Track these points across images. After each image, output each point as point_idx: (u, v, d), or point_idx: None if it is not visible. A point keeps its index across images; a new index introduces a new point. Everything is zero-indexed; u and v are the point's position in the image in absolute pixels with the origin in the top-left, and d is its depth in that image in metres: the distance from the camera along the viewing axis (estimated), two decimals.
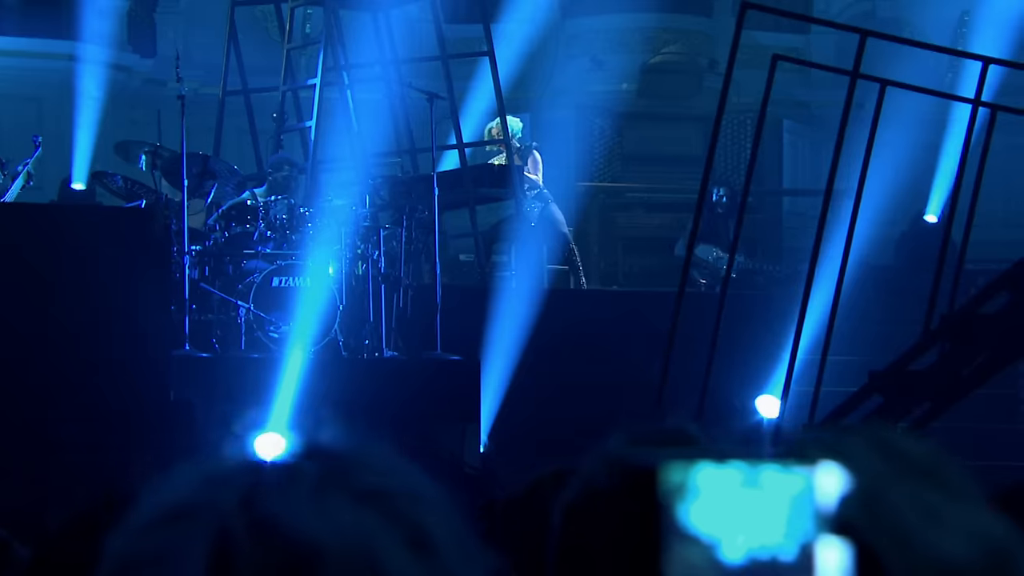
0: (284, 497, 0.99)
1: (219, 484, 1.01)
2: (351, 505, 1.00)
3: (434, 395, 8.96)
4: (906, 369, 5.67)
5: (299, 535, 0.97)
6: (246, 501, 0.99)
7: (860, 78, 6.02)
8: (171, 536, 0.99)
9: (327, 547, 0.97)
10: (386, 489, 1.02)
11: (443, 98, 10.58)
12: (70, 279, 8.34)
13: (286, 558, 0.97)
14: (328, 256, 9.06)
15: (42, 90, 13.69)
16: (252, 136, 11.93)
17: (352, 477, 1.02)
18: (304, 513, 0.99)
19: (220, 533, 0.98)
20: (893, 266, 13.22)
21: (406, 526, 1.00)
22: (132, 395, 8.21)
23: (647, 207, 14.02)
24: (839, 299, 6.20)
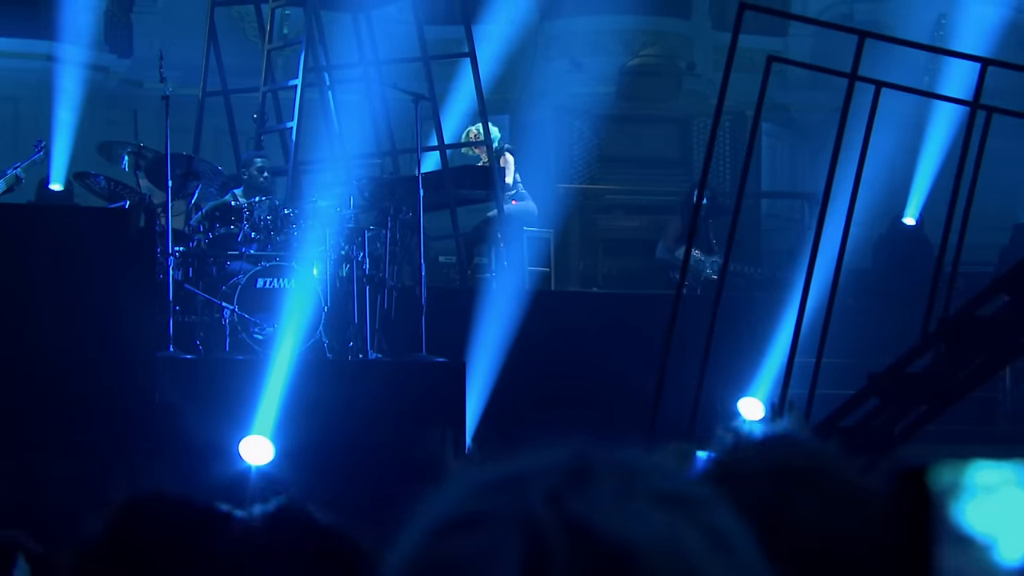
0: (589, 499, 0.98)
1: (517, 488, 1.00)
2: (656, 508, 0.98)
3: (419, 397, 8.93)
4: (905, 371, 5.67)
5: (613, 537, 0.96)
6: (553, 504, 0.98)
7: (858, 80, 6.02)
8: (474, 541, 0.98)
9: (642, 549, 0.96)
10: (684, 492, 1.01)
11: (428, 99, 10.57)
12: (51, 281, 8.29)
13: (602, 560, 0.96)
14: (313, 257, 9.02)
15: (19, 90, 13.61)
16: (232, 137, 11.87)
17: (648, 480, 1.01)
18: (613, 515, 0.97)
19: (532, 536, 0.96)
20: (872, 269, 13.26)
21: (707, 529, 0.99)
22: (116, 397, 8.15)
23: (626, 209, 14.03)
24: (833, 301, 6.19)
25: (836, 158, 6.21)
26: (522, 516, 0.98)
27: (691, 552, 0.97)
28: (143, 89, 14.52)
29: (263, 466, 8.27)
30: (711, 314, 8.07)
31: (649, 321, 10.54)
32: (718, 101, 6.45)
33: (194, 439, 8.28)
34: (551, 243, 11.96)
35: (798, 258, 12.72)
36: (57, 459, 8.14)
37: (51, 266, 8.33)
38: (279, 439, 8.33)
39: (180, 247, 8.85)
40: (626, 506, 0.98)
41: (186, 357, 8.62)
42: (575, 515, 0.97)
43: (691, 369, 9.30)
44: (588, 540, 0.96)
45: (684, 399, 9.30)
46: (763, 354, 10.93)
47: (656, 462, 1.03)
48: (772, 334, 11.13)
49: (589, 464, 1.02)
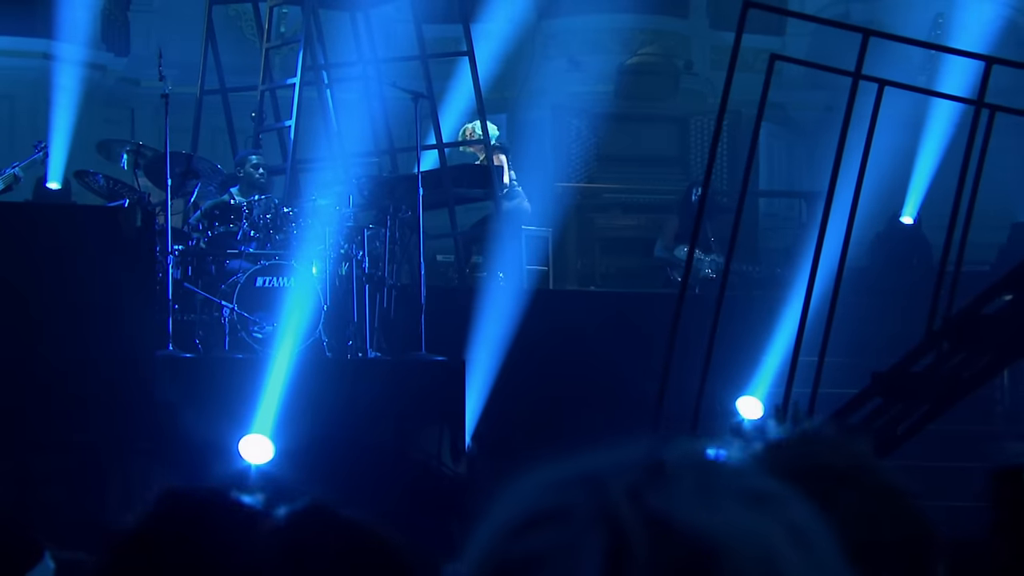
0: (669, 495, 0.98)
1: (596, 484, 1.00)
2: (737, 504, 0.98)
3: (418, 396, 8.93)
4: (909, 371, 5.67)
5: (695, 532, 0.96)
6: (633, 499, 0.98)
7: (862, 79, 6.02)
8: (555, 537, 0.98)
9: (725, 545, 0.95)
10: (764, 488, 1.00)
11: (428, 97, 10.56)
12: (50, 279, 8.27)
13: (685, 556, 0.95)
14: (312, 256, 9.01)
15: (15, 88, 13.59)
16: (230, 136, 11.85)
17: (727, 477, 1.00)
18: (695, 511, 0.97)
19: (614, 531, 0.96)
20: (870, 267, 13.26)
21: (788, 525, 0.98)
22: (116, 395, 8.14)
23: (624, 208, 14.03)
24: (836, 300, 6.18)
25: (840, 157, 6.21)
26: (603, 512, 0.98)
27: (774, 548, 0.96)
28: (140, 88, 14.51)
29: (263, 465, 8.27)
30: (711, 313, 8.06)
31: (648, 320, 10.54)
32: (721, 100, 6.44)
33: (194, 438, 8.27)
34: (549, 242, 11.95)
35: (796, 257, 12.74)
36: (56, 458, 8.13)
37: (50, 265, 8.32)
38: (279, 438, 8.33)
39: (179, 245, 8.84)
40: (707, 502, 0.98)
41: (185, 356, 8.61)
42: (656, 511, 0.97)
43: (690, 368, 9.30)
44: (670, 535, 0.96)
45: (683, 398, 9.30)
46: (762, 353, 10.94)
47: (733, 459, 1.03)
48: (771, 333, 11.13)
49: (667, 461, 1.01)
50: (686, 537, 0.96)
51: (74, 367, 8.17)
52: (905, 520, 1.37)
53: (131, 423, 8.19)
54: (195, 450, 8.25)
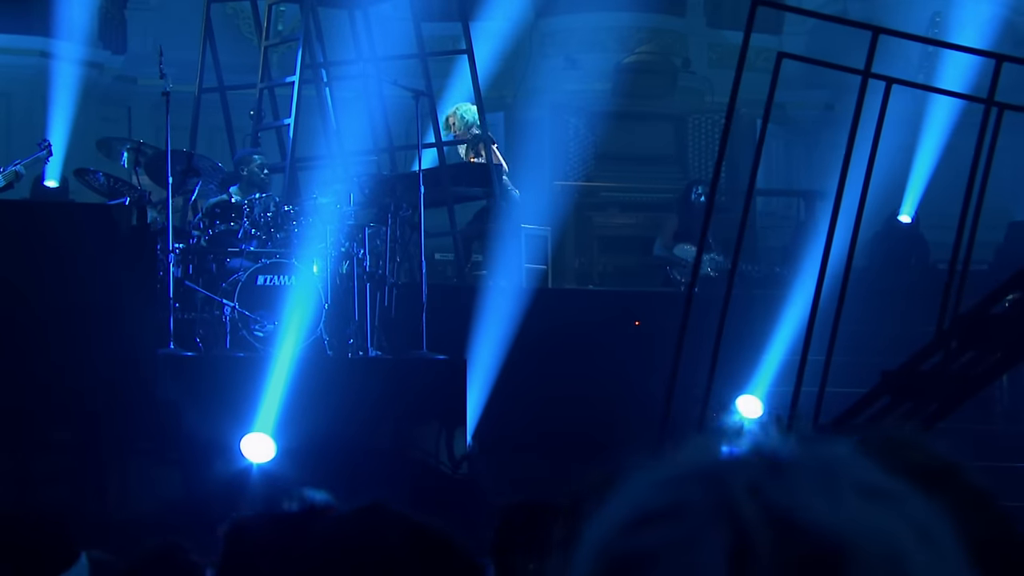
0: (791, 491, 0.96)
1: (714, 479, 0.98)
2: (860, 500, 0.96)
3: (419, 394, 8.91)
4: (918, 370, 5.67)
5: (819, 529, 0.94)
6: (755, 495, 0.96)
7: (872, 77, 6.01)
8: (674, 532, 0.96)
9: (852, 543, 0.94)
10: (887, 485, 0.98)
11: (428, 95, 10.54)
12: (51, 278, 8.25)
13: (810, 553, 0.93)
14: (313, 255, 8.99)
15: (12, 86, 13.55)
16: (228, 134, 11.83)
17: (849, 473, 0.98)
18: (818, 507, 0.95)
19: (735, 527, 0.94)
20: (868, 267, 13.27)
21: (913, 522, 0.97)
22: (117, 394, 8.12)
23: (622, 206, 14.02)
24: (844, 299, 6.17)
25: (849, 156, 6.20)
26: (723, 508, 0.96)
27: (900, 546, 0.95)
28: (137, 86, 14.47)
29: (264, 464, 8.25)
30: (711, 312, 8.04)
31: (649, 318, 10.54)
32: (730, 99, 6.43)
33: (195, 436, 8.25)
34: (548, 241, 11.94)
35: (795, 256, 12.75)
36: (57, 457, 8.10)
37: (50, 263, 8.29)
38: (280, 437, 8.31)
39: (180, 244, 8.81)
40: (829, 498, 0.96)
41: (187, 354, 8.59)
42: (778, 507, 0.95)
43: (690, 366, 9.30)
44: (793, 532, 0.94)
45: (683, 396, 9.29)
46: (761, 351, 10.93)
47: (853, 454, 1.01)
48: (770, 331, 11.13)
49: (786, 456, 1.00)
50: (810, 534, 0.94)
51: (75, 366, 8.14)
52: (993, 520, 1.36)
53: (132, 422, 8.17)
54: (197, 449, 8.24)
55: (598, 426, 9.74)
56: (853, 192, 12.55)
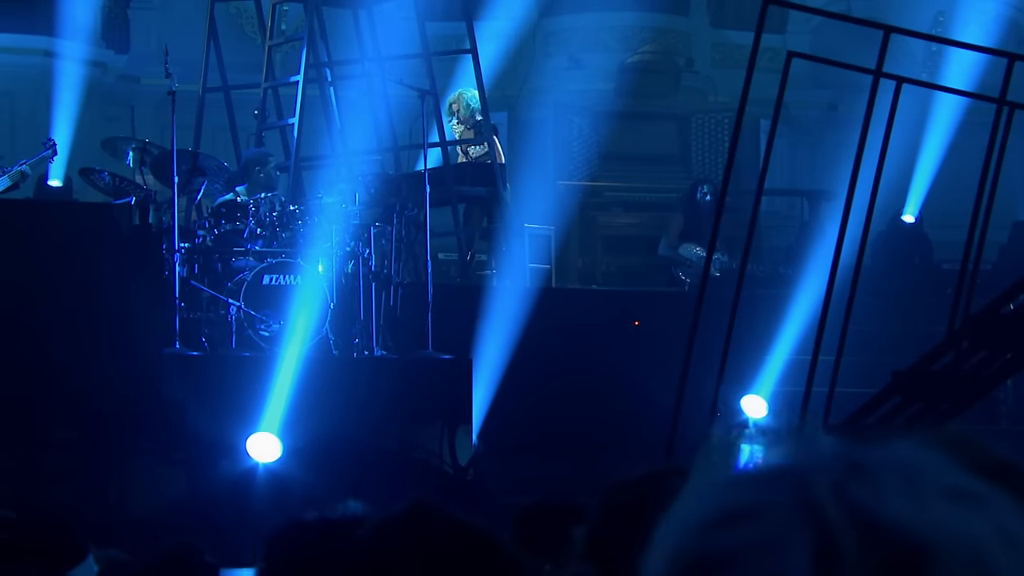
0: (875, 492, 0.95)
1: (796, 479, 0.97)
2: (946, 503, 0.95)
3: (425, 394, 8.91)
4: (930, 369, 5.66)
5: (904, 531, 0.93)
6: (839, 496, 0.95)
7: (883, 77, 6.00)
8: (756, 533, 0.94)
9: (937, 545, 0.93)
10: (972, 488, 0.97)
11: (434, 95, 10.53)
12: (57, 277, 8.24)
13: (895, 555, 0.92)
14: (319, 254, 8.98)
15: (15, 85, 13.54)
16: (232, 134, 11.82)
17: (933, 474, 0.97)
18: (903, 508, 0.94)
19: (819, 528, 0.93)
20: (871, 266, 13.26)
21: (999, 526, 0.95)
22: (123, 394, 8.11)
23: (626, 206, 14.01)
24: (853, 299, 6.16)
25: (860, 155, 6.19)
26: (807, 508, 0.94)
27: (986, 550, 0.93)
28: (140, 85, 14.46)
29: (270, 463, 8.24)
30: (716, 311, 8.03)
31: (654, 318, 10.53)
32: (741, 97, 6.42)
33: (201, 436, 8.24)
34: (552, 240, 11.93)
35: (799, 255, 12.74)
36: (62, 456, 8.09)
37: (56, 263, 8.28)
38: (286, 436, 8.30)
39: (185, 243, 8.80)
40: (914, 499, 0.95)
41: (192, 354, 8.58)
42: (863, 508, 0.94)
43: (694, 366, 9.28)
44: (878, 533, 0.93)
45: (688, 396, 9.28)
46: (766, 352, 10.93)
47: (935, 456, 0.99)
48: (774, 331, 11.13)
49: (868, 456, 0.98)
50: (895, 535, 0.93)
51: (80, 365, 8.13)
52: None
53: (138, 421, 8.16)
54: (202, 448, 8.23)
55: (603, 426, 9.74)
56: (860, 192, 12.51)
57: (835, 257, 6.14)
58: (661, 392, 9.97)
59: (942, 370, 5.68)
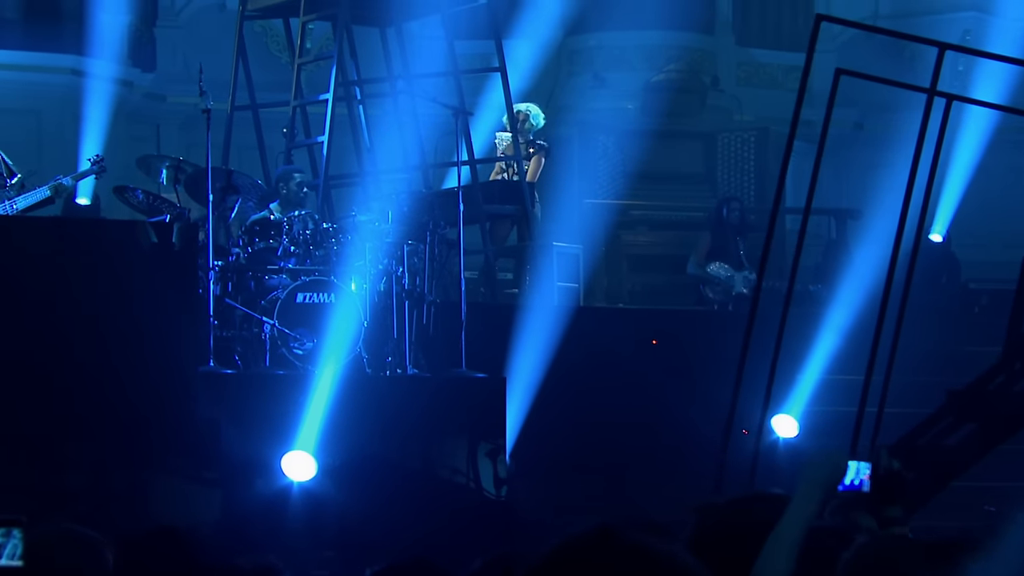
0: None
1: None
2: None
3: (458, 413, 8.88)
4: (985, 390, 5.62)
5: None
6: None
7: (937, 95, 5.97)
8: None
9: None
10: None
11: (469, 113, 10.52)
12: (91, 294, 8.22)
13: None
14: (352, 272, 8.97)
15: (43, 103, 13.58)
16: (260, 152, 11.82)
17: None
18: None
19: None
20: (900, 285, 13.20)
21: None
22: (157, 412, 8.09)
23: (651, 225, 13.98)
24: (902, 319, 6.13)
25: (914, 173, 6.16)
26: None
27: None
28: (166, 104, 14.49)
29: (305, 482, 8.21)
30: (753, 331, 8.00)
31: (685, 337, 10.50)
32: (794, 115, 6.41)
33: (235, 455, 8.22)
34: (580, 259, 11.90)
35: (827, 274, 12.69)
36: (95, 474, 8.07)
37: (88, 281, 8.26)
38: (321, 455, 8.27)
39: (219, 261, 8.79)
40: None
41: (226, 372, 8.56)
42: None
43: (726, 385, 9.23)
44: None
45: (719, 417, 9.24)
46: (796, 370, 10.88)
47: None
48: (805, 350, 11.08)
49: None
50: None
51: (113, 383, 8.11)
52: None
53: (172, 440, 8.13)
54: (237, 467, 8.20)
55: (635, 446, 9.70)
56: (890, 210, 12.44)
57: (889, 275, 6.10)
58: (694, 412, 9.94)
59: (996, 390, 5.64)
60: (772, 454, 10.36)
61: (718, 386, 10.02)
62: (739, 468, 7.13)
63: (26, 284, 8.13)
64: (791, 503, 2.61)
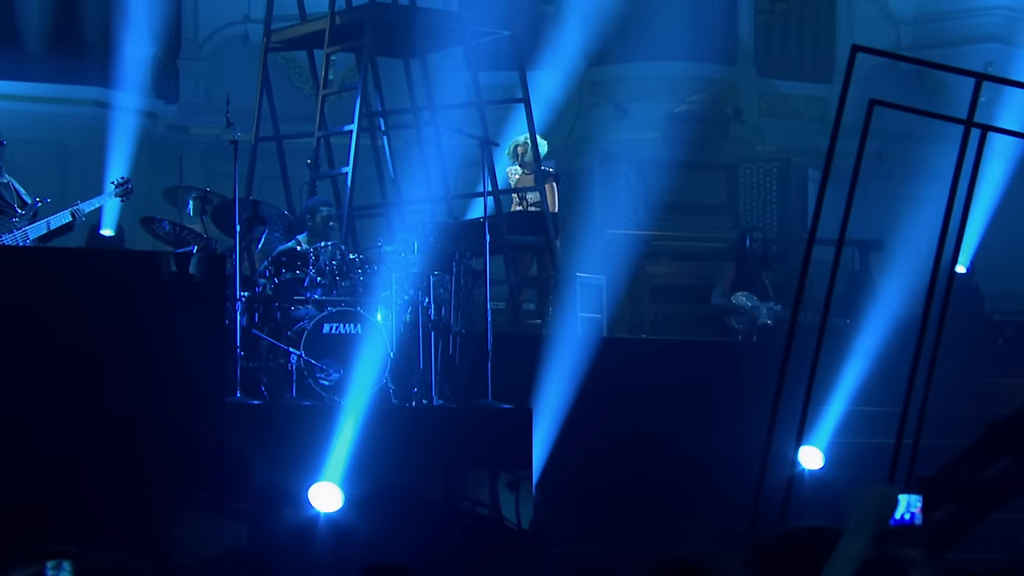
0: None
1: None
2: None
3: (485, 444, 8.86)
4: None
5: None
6: None
7: (975, 127, 5.96)
8: None
9: None
10: None
11: (496, 144, 10.55)
12: (116, 325, 8.22)
13: None
14: (378, 303, 8.97)
15: (67, 135, 13.65)
16: (284, 182, 11.86)
17: None
18: None
19: None
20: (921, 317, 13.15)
21: None
22: (183, 443, 8.08)
23: (673, 255, 13.97)
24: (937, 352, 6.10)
25: (951, 206, 6.15)
26: None
27: None
28: (188, 135, 14.55)
29: (332, 513, 8.20)
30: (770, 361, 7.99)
31: (710, 368, 10.47)
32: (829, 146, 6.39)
33: (263, 485, 8.21)
34: (603, 289, 11.89)
35: (850, 305, 12.65)
36: (124, 506, 8.05)
37: (117, 311, 8.26)
38: (347, 486, 8.25)
39: (246, 292, 8.80)
40: None
41: (253, 403, 8.56)
42: None
43: (750, 417, 9.19)
44: None
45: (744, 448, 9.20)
46: (821, 402, 10.85)
47: None
48: (829, 381, 11.05)
49: None
50: None
51: (141, 414, 8.10)
52: None
53: (200, 471, 8.12)
54: (264, 498, 8.19)
55: (661, 477, 9.67)
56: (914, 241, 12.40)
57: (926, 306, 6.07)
58: (718, 443, 9.91)
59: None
60: (798, 486, 10.32)
61: (742, 416, 10.00)
62: (767, 500, 7.10)
63: (53, 315, 8.13)
64: (843, 538, 2.60)
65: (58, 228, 9.26)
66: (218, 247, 9.02)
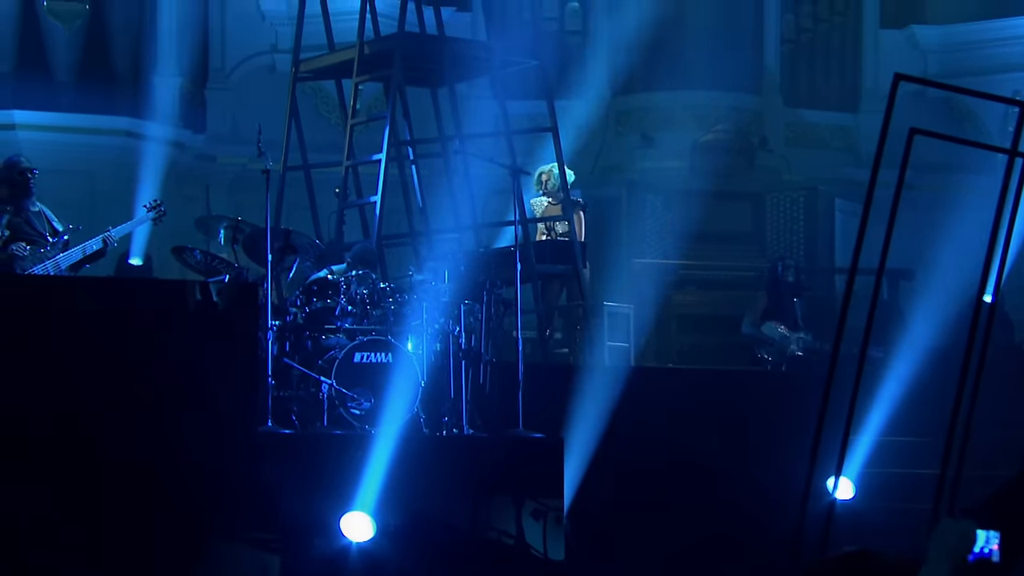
0: None
1: None
2: None
3: (516, 474, 8.81)
4: None
5: None
6: None
7: (1019, 156, 5.91)
8: None
9: None
10: None
11: (526, 172, 10.55)
12: (148, 354, 8.20)
13: None
14: (409, 332, 8.96)
15: (95, 166, 13.71)
16: (312, 212, 11.87)
17: None
18: None
19: None
20: (951, 346, 13.09)
21: None
22: (217, 473, 8.05)
23: (700, 284, 13.94)
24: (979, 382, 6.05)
25: (995, 236, 6.10)
26: None
27: None
28: (215, 164, 14.60)
29: (364, 543, 8.16)
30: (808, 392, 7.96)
31: (741, 397, 10.42)
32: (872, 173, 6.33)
33: (294, 515, 8.17)
34: (631, 318, 11.87)
35: (881, 335, 12.59)
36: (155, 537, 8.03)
37: (146, 340, 8.25)
38: (378, 516, 8.22)
39: (277, 321, 8.79)
40: None
41: (284, 432, 8.54)
42: None
43: (782, 447, 9.14)
44: None
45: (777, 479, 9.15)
46: (853, 432, 10.79)
47: None
48: (860, 411, 10.99)
49: None
50: None
51: (172, 444, 8.08)
52: None
53: (231, 500, 8.09)
54: (296, 528, 8.16)
55: (693, 508, 9.61)
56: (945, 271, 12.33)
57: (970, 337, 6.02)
58: (751, 472, 9.86)
59: None
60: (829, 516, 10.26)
61: (775, 446, 9.95)
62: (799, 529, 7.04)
63: (82, 344, 8.13)
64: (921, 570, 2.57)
65: (93, 254, 9.27)
66: (249, 276, 9.02)
